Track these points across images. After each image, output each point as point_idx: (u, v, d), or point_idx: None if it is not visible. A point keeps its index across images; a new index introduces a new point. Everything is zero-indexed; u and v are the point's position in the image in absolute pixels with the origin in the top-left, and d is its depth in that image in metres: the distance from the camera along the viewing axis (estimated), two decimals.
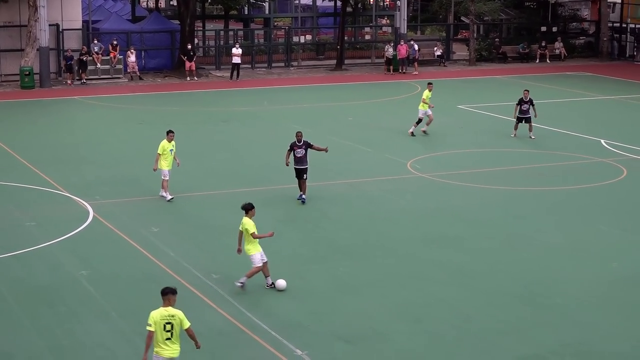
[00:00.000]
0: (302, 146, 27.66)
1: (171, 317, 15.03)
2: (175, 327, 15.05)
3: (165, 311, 15.07)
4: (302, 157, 27.68)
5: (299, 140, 27.68)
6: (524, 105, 36.99)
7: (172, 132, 28.15)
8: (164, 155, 27.75)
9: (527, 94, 37.31)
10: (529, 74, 57.82)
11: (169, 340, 15.04)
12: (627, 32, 66.53)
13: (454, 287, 21.12)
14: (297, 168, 27.86)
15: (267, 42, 62.52)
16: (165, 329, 15.00)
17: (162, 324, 14.99)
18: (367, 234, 25.06)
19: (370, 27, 67.91)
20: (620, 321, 19.28)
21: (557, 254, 23.36)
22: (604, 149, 35.54)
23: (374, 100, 47.63)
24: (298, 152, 27.65)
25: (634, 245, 24.14)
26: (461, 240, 24.56)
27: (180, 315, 15.13)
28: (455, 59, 64.34)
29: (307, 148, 27.72)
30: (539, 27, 67.41)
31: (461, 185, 30.14)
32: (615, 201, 28.59)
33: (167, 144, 27.84)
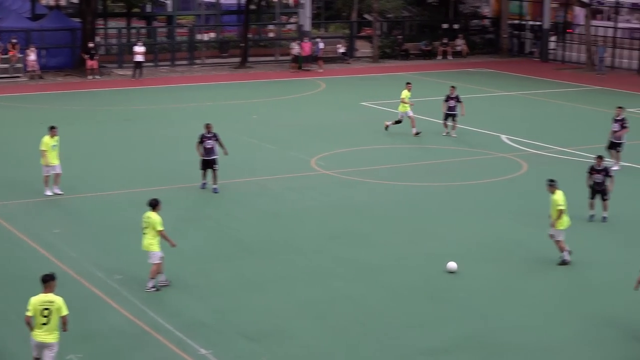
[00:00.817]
0: (211, 137, 28.33)
1: (50, 302, 15.28)
2: (53, 314, 15.26)
3: (44, 297, 15.29)
4: (212, 148, 28.33)
5: (209, 132, 28.36)
6: (450, 101, 36.98)
7: (55, 128, 28.24)
8: (47, 151, 27.71)
9: (453, 90, 37.19)
10: (431, 70, 58.42)
11: (44, 326, 15.27)
12: (526, 29, 67.65)
13: (359, 283, 21.23)
14: (207, 159, 28.40)
15: (170, 40, 62.04)
16: (42, 315, 15.25)
17: (40, 310, 15.23)
18: (271, 232, 25.05)
19: (274, 24, 67.86)
20: (522, 313, 19.61)
21: (459, 248, 23.63)
22: (504, 144, 36.09)
23: (279, 98, 47.61)
24: (208, 143, 28.31)
25: (533, 238, 24.53)
26: (366, 236, 24.70)
27: (60, 302, 15.33)
28: (358, 56, 64.67)
29: (217, 140, 28.38)
30: (440, 25, 68.14)
31: (365, 182, 30.30)
32: (516, 195, 29.05)
33: (49, 139, 27.92)
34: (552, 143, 36.16)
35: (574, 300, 20.31)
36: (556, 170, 32.01)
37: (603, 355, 17.74)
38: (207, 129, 28.51)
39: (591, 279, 21.71)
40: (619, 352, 17.80)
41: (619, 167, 31.53)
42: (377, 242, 24.24)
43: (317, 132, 38.21)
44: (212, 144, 28.38)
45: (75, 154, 33.48)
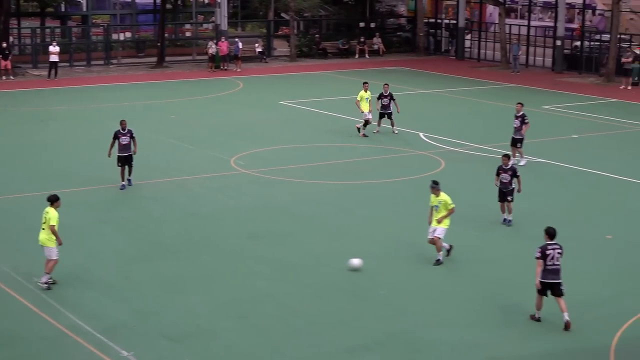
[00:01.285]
0: (127, 134, 28.57)
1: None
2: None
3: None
4: (127, 144, 28.50)
5: (123, 128, 28.62)
6: (384, 99, 36.94)
7: None
8: None
9: (387, 87, 37.13)
10: (349, 69, 58.66)
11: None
12: (442, 28, 68.32)
13: (281, 282, 21.21)
14: (123, 155, 28.55)
15: (85, 39, 61.31)
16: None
17: None
18: (192, 232, 24.90)
19: (190, 24, 67.50)
20: (441, 309, 19.77)
21: (380, 246, 23.75)
22: (422, 142, 36.37)
23: (197, 98, 47.37)
24: (123, 139, 28.55)
25: (452, 234, 24.73)
26: (286, 235, 24.69)
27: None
28: (276, 55, 64.69)
29: (132, 137, 28.55)
30: (357, 23, 68.45)
31: (285, 181, 30.30)
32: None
33: None
34: (469, 140, 36.55)
35: (492, 296, 20.53)
36: (472, 167, 32.46)
37: (523, 349, 17.96)
38: (122, 125, 28.75)
39: (504, 274, 21.96)
40: (539, 345, 18.04)
41: (524, 162, 32.00)
42: (298, 241, 24.25)
43: (236, 131, 38.10)
44: (128, 140, 28.60)
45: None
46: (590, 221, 26.39)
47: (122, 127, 28.71)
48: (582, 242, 24.38)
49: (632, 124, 40.82)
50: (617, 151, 35.59)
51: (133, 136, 28.68)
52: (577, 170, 32.13)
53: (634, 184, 30.39)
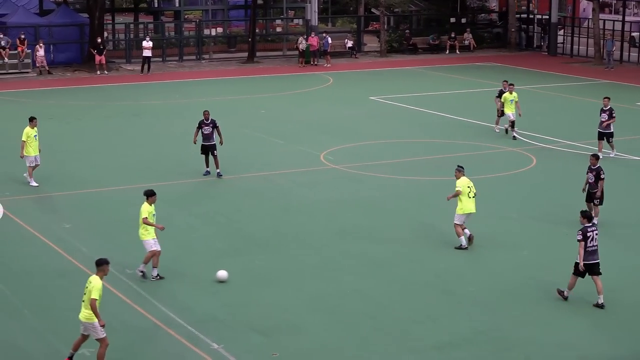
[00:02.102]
0: (209, 124, 29.44)
1: (89, 283, 16.12)
2: (87, 294, 16.08)
3: (92, 277, 16.22)
4: (210, 134, 29.45)
5: (207, 119, 29.59)
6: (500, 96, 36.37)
7: (35, 119, 29.10)
8: (28, 142, 28.44)
9: (507, 85, 36.24)
10: (439, 64, 58.44)
11: (83, 303, 16.15)
12: (534, 23, 67.60)
13: (368, 278, 21.28)
14: (206, 144, 29.55)
15: (177, 35, 62.13)
16: (84, 293, 16.20)
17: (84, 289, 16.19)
18: (281, 227, 25.11)
19: (281, 19, 67.92)
20: (529, 307, 19.64)
21: (472, 245, 23.62)
22: (514, 140, 36.04)
23: (287, 93, 47.68)
24: (206, 129, 29.49)
25: (543, 234, 24.57)
26: (374, 230, 24.74)
27: (96, 285, 16.04)
28: (366, 50, 64.71)
29: (214, 127, 29.44)
30: (448, 19, 68.13)
31: (374, 177, 30.34)
32: (526, 190, 29.06)
33: (30, 130, 28.67)
34: (561, 137, 36.14)
35: (582, 297, 20.29)
36: (564, 165, 32.10)
37: (614, 350, 17.76)
38: (205, 116, 29.68)
39: None
40: (629, 347, 17.80)
41: (614, 154, 32.38)
42: (386, 236, 24.27)
43: (325, 126, 38.25)
44: (210, 130, 29.45)
45: (84, 149, 33.70)
46: None
47: (205, 118, 29.61)
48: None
49: None
50: None
51: (216, 126, 29.53)
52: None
53: None
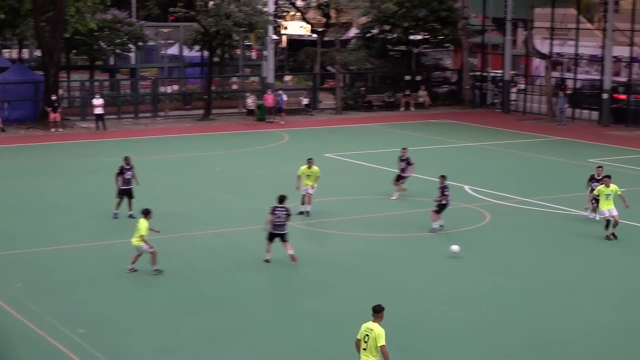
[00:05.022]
0: (130, 169, 31.80)
1: (370, 330, 16.46)
2: (370, 341, 16.35)
3: (370, 324, 16.64)
4: (130, 179, 31.78)
5: (128, 164, 31.92)
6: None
7: None
8: None
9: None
10: (394, 121, 58.76)
11: (364, 351, 16.47)
12: (487, 81, 68.34)
13: (325, 336, 21.14)
14: (125, 188, 31.75)
15: (133, 92, 62.06)
16: (364, 340, 16.52)
17: (363, 336, 16.59)
18: (237, 284, 24.95)
19: (237, 77, 68.12)
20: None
21: (427, 299, 23.64)
22: (467, 195, 36.25)
23: (242, 150, 47.65)
24: (127, 174, 31.75)
25: (500, 289, 24.63)
26: (331, 287, 24.65)
27: (378, 331, 16.39)
28: (322, 107, 64.97)
29: (133, 172, 31.95)
30: (403, 76, 68.67)
31: (331, 233, 30.31)
32: (480, 245, 29.16)
33: None
34: (515, 193, 36.37)
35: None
36: (517, 221, 32.28)
37: None
38: (126, 161, 31.93)
39: None
40: None
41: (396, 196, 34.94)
42: (343, 293, 24.19)
43: (281, 183, 38.12)
44: (130, 175, 31.70)
45: (39, 207, 33.39)
46: (634, 274, 26.07)
47: (127, 163, 31.80)
48: (625, 295, 24.09)
49: None
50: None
51: (133, 171, 31.80)
52: (622, 224, 31.80)
53: None
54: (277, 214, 26.60)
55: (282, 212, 26.66)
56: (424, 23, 66.23)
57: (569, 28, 63.77)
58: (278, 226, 26.66)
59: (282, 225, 26.63)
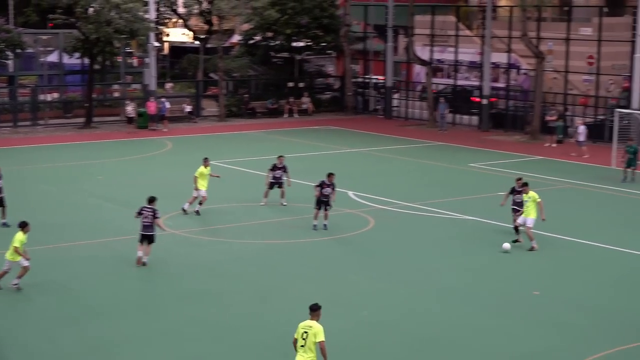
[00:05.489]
0: None
1: (309, 327, 16.91)
2: (309, 337, 16.76)
3: (309, 322, 17.07)
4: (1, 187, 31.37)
5: None
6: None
7: None
8: None
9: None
10: (278, 128, 58.86)
11: (302, 348, 16.84)
12: (370, 87, 69.00)
13: (210, 344, 21.03)
14: None
15: (12, 100, 60.77)
16: (302, 337, 16.93)
17: (301, 333, 16.97)
18: (120, 293, 24.64)
19: (119, 84, 67.32)
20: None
21: (309, 304, 23.65)
22: (351, 200, 36.51)
23: (125, 158, 47.11)
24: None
25: (382, 293, 24.85)
26: (215, 295, 24.55)
27: (317, 328, 16.83)
28: (205, 115, 64.67)
29: None
30: (286, 83, 68.86)
31: (215, 241, 30.19)
32: (364, 251, 29.39)
33: None
34: (398, 198, 36.77)
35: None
36: (401, 225, 32.65)
37: None
38: None
39: None
40: None
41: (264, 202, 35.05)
42: (228, 301, 24.12)
43: (164, 191, 37.78)
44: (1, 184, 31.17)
45: None
46: (517, 277, 26.64)
47: None
48: (511, 298, 24.61)
49: (556, 180, 41.44)
50: None
51: None
52: (503, 227, 32.45)
53: (557, 240, 30.76)
54: (144, 213, 26.72)
55: (148, 212, 26.68)
56: (307, 30, 66.59)
57: (449, 35, 64.87)
58: (145, 227, 26.89)
59: (149, 227, 26.81)
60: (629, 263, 28.44)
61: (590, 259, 28.84)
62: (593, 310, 23.76)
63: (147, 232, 26.92)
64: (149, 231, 26.92)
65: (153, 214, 26.90)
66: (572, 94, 58.22)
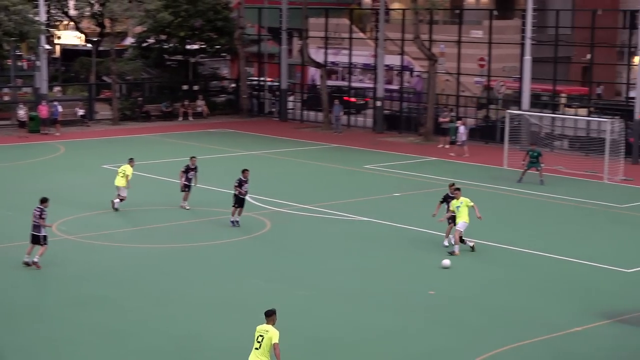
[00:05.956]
0: None
1: (265, 332, 17.39)
2: (265, 341, 17.27)
3: (265, 326, 17.55)
4: None
5: None
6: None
7: None
8: None
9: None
10: (173, 131, 58.45)
11: (256, 350, 17.40)
12: (265, 90, 69.01)
13: (106, 349, 20.79)
14: None
15: None
16: (257, 340, 17.42)
17: (256, 336, 17.47)
18: (12, 299, 24.19)
19: (9, 87, 66.03)
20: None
21: (208, 308, 23.62)
22: (248, 203, 36.42)
23: (16, 163, 46.20)
24: None
25: (281, 296, 24.87)
26: (111, 300, 24.27)
27: (273, 332, 17.35)
28: (98, 118, 63.84)
29: None
30: (181, 86, 68.41)
31: (110, 246, 29.85)
32: (261, 253, 29.39)
33: None
34: (295, 201, 36.86)
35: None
36: (297, 227, 32.74)
37: None
38: None
39: None
40: None
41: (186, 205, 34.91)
42: (123, 306, 23.86)
43: (57, 196, 37.19)
44: None
45: None
46: (413, 277, 26.93)
47: None
48: (407, 298, 24.86)
49: (447, 181, 41.92)
50: (433, 208, 36.49)
51: None
52: (397, 227, 32.79)
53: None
54: (34, 213, 26.99)
55: (36, 211, 26.66)
56: (201, 33, 66.31)
57: (343, 38, 65.31)
58: (34, 227, 27.03)
59: (37, 226, 26.96)
60: (524, 262, 28.98)
61: (485, 258, 29.28)
62: (488, 309, 24.16)
63: (35, 232, 27.01)
64: (36, 231, 26.97)
65: (40, 214, 26.74)
66: (464, 95, 59.15)
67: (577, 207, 37.23)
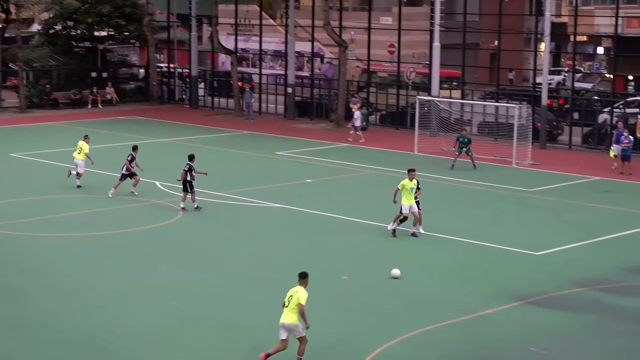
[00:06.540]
0: None
1: (295, 292, 18.90)
2: (293, 299, 18.81)
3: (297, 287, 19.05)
4: None
5: None
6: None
7: None
8: None
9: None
10: (82, 119, 57.73)
11: (285, 308, 18.93)
12: (175, 77, 68.53)
13: (15, 341, 20.50)
14: None
15: None
16: (287, 299, 18.96)
17: (287, 296, 19.00)
18: None
19: None
20: (185, 359, 19.70)
21: (119, 298, 23.44)
22: (159, 191, 36.25)
23: None
24: None
25: (194, 284, 24.80)
26: (22, 291, 23.93)
27: (302, 293, 18.84)
28: (5, 106, 62.76)
29: None
30: (89, 73, 67.59)
31: (21, 235, 29.42)
32: (173, 241, 29.24)
33: None
34: (207, 188, 36.70)
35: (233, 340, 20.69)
36: (209, 214, 32.65)
37: None
38: None
39: None
40: None
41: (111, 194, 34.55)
42: (34, 297, 23.55)
43: None
44: None
45: None
46: (326, 262, 27.05)
47: None
48: (319, 283, 24.97)
49: (359, 167, 42.30)
50: (346, 193, 36.77)
51: None
52: (310, 213, 32.92)
53: (363, 225, 31.41)
54: None
55: None
56: (109, 19, 65.61)
57: (253, 24, 65.18)
58: None
59: None
60: (435, 246, 29.29)
61: (397, 243, 29.49)
62: (400, 294, 24.37)
63: None
64: None
65: None
66: (375, 82, 59.51)
67: (486, 191, 37.78)
